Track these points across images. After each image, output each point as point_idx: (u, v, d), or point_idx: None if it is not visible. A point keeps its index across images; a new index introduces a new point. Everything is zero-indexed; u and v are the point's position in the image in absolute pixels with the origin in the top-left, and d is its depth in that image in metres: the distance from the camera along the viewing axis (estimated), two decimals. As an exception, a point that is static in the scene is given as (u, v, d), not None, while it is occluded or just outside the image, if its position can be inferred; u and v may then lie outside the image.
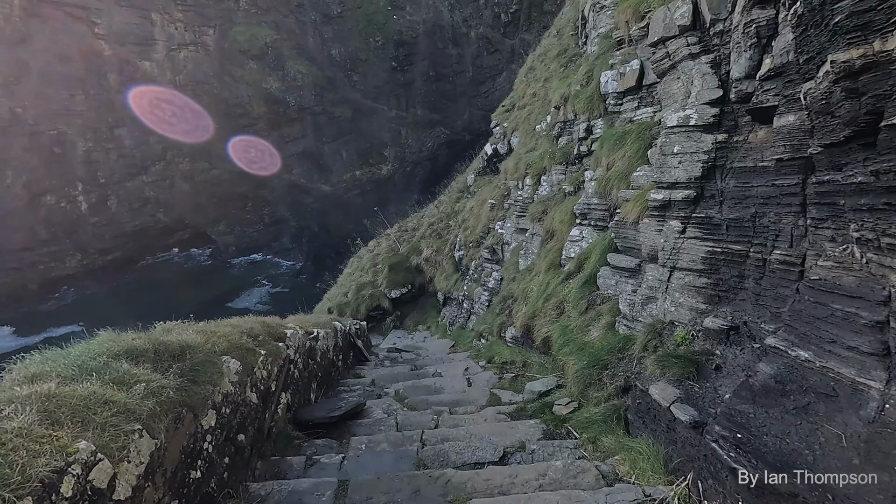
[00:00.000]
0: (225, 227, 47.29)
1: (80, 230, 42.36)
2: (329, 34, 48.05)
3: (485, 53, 50.85)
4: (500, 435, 4.65)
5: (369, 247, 20.13)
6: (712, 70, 5.15)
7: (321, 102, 47.61)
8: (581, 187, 9.06)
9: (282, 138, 47.80)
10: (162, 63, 43.86)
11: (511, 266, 11.16)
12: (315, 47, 48.01)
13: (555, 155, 10.20)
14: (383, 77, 49.41)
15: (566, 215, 8.62)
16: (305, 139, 48.41)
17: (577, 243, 7.93)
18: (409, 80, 49.98)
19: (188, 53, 44.64)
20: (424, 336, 14.74)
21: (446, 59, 50.36)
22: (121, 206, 43.22)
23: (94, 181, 42.13)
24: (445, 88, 50.97)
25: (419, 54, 49.62)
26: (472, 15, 50.06)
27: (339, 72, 48.68)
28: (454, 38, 50.19)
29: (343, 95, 48.63)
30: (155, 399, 2.86)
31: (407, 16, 48.73)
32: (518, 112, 15.15)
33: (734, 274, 4.57)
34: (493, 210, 13.80)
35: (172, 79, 44.16)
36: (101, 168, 42.23)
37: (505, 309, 9.91)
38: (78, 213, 42.08)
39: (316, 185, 48.77)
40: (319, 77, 47.37)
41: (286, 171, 48.18)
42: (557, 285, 7.61)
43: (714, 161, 4.95)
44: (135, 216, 44.05)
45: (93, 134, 41.43)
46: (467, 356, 10.24)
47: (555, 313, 7.26)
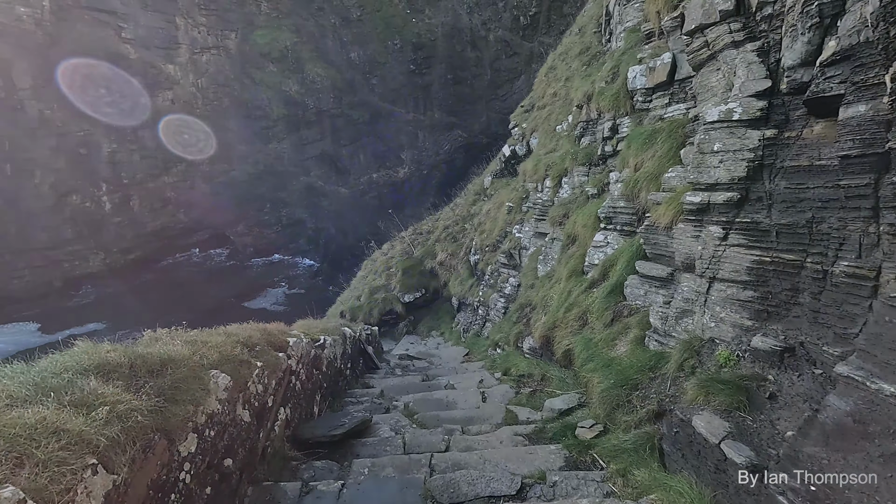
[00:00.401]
0: (243, 228, 47.62)
1: (104, 229, 43.06)
2: (348, 37, 48.17)
3: (503, 56, 50.37)
4: (518, 462, 4.17)
5: (383, 250, 19.77)
6: (759, 59, 4.61)
7: (339, 105, 47.71)
8: (605, 189, 8.53)
9: (300, 141, 48.03)
10: (185, 66, 44.48)
11: (529, 272, 10.65)
12: (334, 50, 48.19)
13: (577, 156, 9.68)
14: (401, 80, 49.32)
15: (589, 219, 8.09)
16: (323, 142, 48.55)
17: (601, 249, 7.40)
18: (426, 83, 49.80)
19: (210, 57, 45.19)
20: (438, 342, 14.29)
21: (464, 62, 50.03)
22: (142, 207, 43.83)
23: (117, 181, 42.82)
24: (463, 91, 50.62)
25: (437, 57, 49.40)
26: (490, 18, 49.66)
27: (357, 75, 48.76)
28: (472, 41, 49.85)
29: (361, 98, 48.67)
30: (120, 425, 2.47)
31: (426, 19, 48.60)
32: (537, 112, 14.63)
33: (786, 287, 4.02)
34: (511, 213, 13.30)
35: (195, 81, 44.75)
36: (125, 169, 42.92)
37: (522, 317, 9.41)
38: (102, 212, 42.79)
39: (333, 188, 48.84)
40: (338, 80, 47.50)
41: (304, 172, 48.37)
42: (580, 294, 7.08)
43: (761, 160, 4.41)
44: (156, 216, 44.64)
45: (117, 135, 42.13)
46: (482, 366, 9.76)
47: (577, 324, 6.74)
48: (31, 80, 38.88)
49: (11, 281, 39.93)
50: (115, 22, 41.91)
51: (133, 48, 42.57)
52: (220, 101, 45.72)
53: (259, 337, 4.73)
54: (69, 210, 41.57)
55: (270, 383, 4.44)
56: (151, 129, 43.56)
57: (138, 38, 42.60)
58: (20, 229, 39.82)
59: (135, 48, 42.62)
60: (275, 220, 48.54)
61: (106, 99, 41.40)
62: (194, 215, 46.16)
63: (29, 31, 38.47)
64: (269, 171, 47.43)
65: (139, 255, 44.98)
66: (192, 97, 44.97)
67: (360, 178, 49.15)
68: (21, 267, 40.36)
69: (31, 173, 39.72)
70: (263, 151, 47.42)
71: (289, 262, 48.00)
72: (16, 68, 38.34)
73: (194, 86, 44.76)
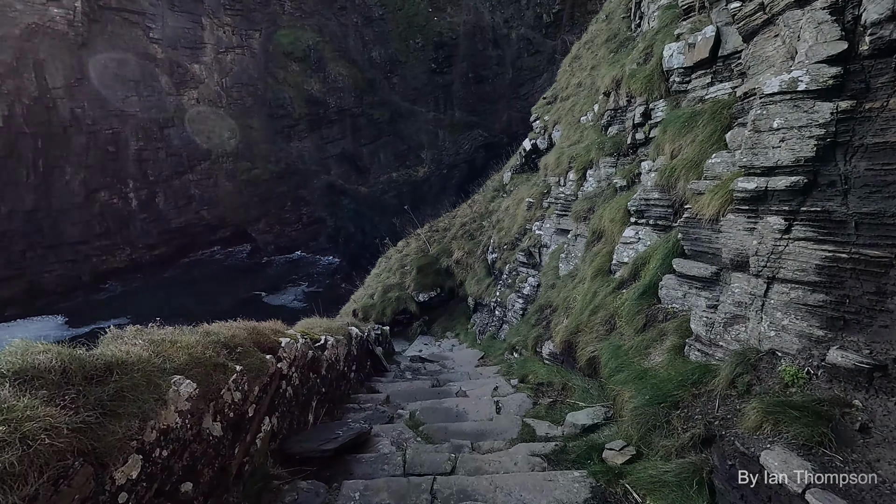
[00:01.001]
0: (265, 226, 47.88)
1: (130, 226, 43.84)
2: (370, 36, 47.98)
3: (525, 55, 49.44)
4: (535, 491, 3.52)
5: (398, 247, 19.20)
6: (832, 17, 3.84)
7: (360, 104, 47.57)
8: (636, 181, 7.77)
9: (321, 139, 48.06)
10: (210, 65, 44.96)
11: (550, 271, 9.93)
12: (356, 49, 48.06)
13: (604, 146, 8.93)
14: (422, 79, 48.89)
15: (617, 213, 7.35)
16: (344, 140, 48.47)
17: (631, 246, 6.65)
18: (447, 82, 49.25)
19: (234, 56, 45.57)
20: (452, 344, 13.66)
21: (486, 61, 49.30)
22: (167, 204, 44.45)
23: (143, 179, 43.52)
24: (484, 90, 49.90)
25: (459, 56, 48.81)
26: (513, 16, 48.81)
27: (378, 74, 48.52)
28: (495, 40, 49.08)
29: (382, 97, 48.43)
30: (21, 449, 1.92)
31: (447, 17, 48.05)
32: (561, 104, 13.85)
33: (868, 290, 3.26)
34: (531, 209, 12.58)
35: (219, 80, 45.19)
36: (151, 166, 43.59)
37: (542, 320, 8.71)
38: (129, 209, 43.57)
39: (353, 187, 48.72)
40: (359, 79, 47.36)
41: (325, 171, 48.39)
42: (607, 295, 6.36)
43: (833, 137, 3.65)
44: (180, 213, 45.22)
45: (144, 133, 42.82)
46: (497, 371, 9.09)
47: (603, 329, 6.02)
48: (63, 80, 39.82)
49: (42, 275, 40.98)
50: (144, 22, 42.63)
51: (160, 48, 43.25)
52: (243, 99, 46.09)
53: (244, 337, 4.18)
54: (98, 206, 42.46)
55: (252, 390, 3.88)
56: (177, 128, 44.19)
57: (166, 38, 43.26)
58: (52, 225, 40.84)
59: (162, 48, 43.29)
60: (295, 218, 48.67)
61: (134, 97, 42.16)
62: (217, 212, 46.63)
63: (61, 31, 39.39)
64: (290, 169, 47.60)
65: (163, 251, 45.68)
66: (217, 96, 45.44)
67: (380, 177, 48.91)
68: (52, 261, 41.39)
69: (62, 170, 40.68)
70: (285, 150, 47.62)
71: (309, 259, 48.05)
72: (49, 68, 39.32)
73: (219, 85, 45.21)
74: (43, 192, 39.94)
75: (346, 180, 48.82)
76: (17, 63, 38.08)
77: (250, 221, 47.55)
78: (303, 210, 48.69)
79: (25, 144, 38.72)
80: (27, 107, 38.61)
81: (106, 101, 41.33)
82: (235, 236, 48.60)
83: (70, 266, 42.30)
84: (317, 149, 48.13)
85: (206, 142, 44.55)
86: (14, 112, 38.05)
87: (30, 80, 38.60)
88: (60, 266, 41.96)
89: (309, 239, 49.26)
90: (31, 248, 40.29)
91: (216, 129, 45.09)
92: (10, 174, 38.37)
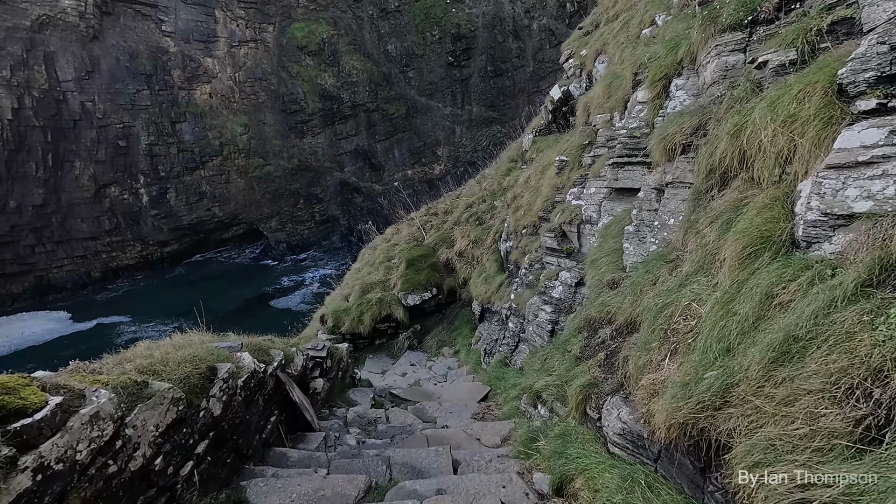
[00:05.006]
0: (277, 224, 44.36)
1: (141, 222, 40.90)
2: (385, 29, 44.08)
3: (547, 46, 44.67)
4: None
5: (386, 235, 14.63)
6: None
7: (375, 99, 43.67)
8: (819, 46, 3.23)
9: (335, 135, 44.34)
10: (223, 59, 41.82)
11: (603, 258, 5.38)
12: (371, 43, 44.23)
13: (715, 20, 4.41)
14: (439, 73, 44.69)
15: (804, 106, 2.82)
16: (358, 136, 44.63)
17: (863, 180, 2.08)
18: (465, 75, 44.91)
19: (248, 50, 42.32)
20: (448, 366, 9.19)
21: (506, 54, 44.76)
22: (178, 200, 41.35)
23: (155, 174, 40.53)
24: (504, 84, 45.33)
25: (477, 49, 44.43)
26: (535, 5, 44.15)
27: (394, 68, 44.55)
28: (515, 31, 44.51)
29: (398, 92, 44.43)
30: None
31: (466, 8, 43.77)
32: (606, 27, 9.29)
33: None
34: (563, 173, 8.04)
35: (232, 75, 42.00)
36: (162, 162, 40.59)
37: (595, 349, 4.19)
38: (139, 205, 40.63)
39: (367, 184, 44.78)
40: (374, 73, 43.48)
41: (338, 168, 44.64)
42: (817, 310, 1.80)
43: None
44: (191, 210, 42.06)
45: (155, 128, 39.86)
46: (508, 432, 4.63)
47: (825, 400, 1.44)
48: (74, 72, 37.12)
49: (52, 270, 38.29)
50: (157, 15, 39.75)
51: (173, 41, 40.29)
52: (256, 94, 42.77)
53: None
54: (108, 201, 39.63)
55: None
56: (189, 123, 41.14)
57: (178, 32, 40.28)
58: (61, 220, 38.13)
59: (174, 41, 40.33)
60: (308, 216, 45.02)
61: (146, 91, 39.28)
62: (229, 209, 43.34)
63: (73, 23, 36.72)
64: (303, 166, 44.01)
65: (175, 248, 42.62)
66: (230, 91, 42.24)
67: (395, 174, 44.82)
68: (62, 257, 38.69)
69: (72, 164, 37.95)
70: (298, 146, 44.06)
71: (319, 258, 44.27)
72: (59, 60, 36.67)
73: (231, 79, 42.01)
74: (52, 186, 37.24)
75: (359, 177, 44.94)
76: (27, 55, 35.51)
77: (262, 219, 44.10)
78: (315, 208, 44.99)
79: (35, 138, 36.07)
80: (37, 99, 35.99)
81: (117, 94, 38.51)
82: (247, 235, 45.26)
83: (81, 261, 39.53)
84: (330, 145, 44.42)
85: (217, 137, 41.42)
86: (24, 104, 35.45)
87: (40, 73, 35.99)
88: (71, 262, 39.23)
89: (322, 238, 45.48)
90: (40, 244, 37.62)
91: (228, 124, 41.92)
92: (19, 168, 35.74)
